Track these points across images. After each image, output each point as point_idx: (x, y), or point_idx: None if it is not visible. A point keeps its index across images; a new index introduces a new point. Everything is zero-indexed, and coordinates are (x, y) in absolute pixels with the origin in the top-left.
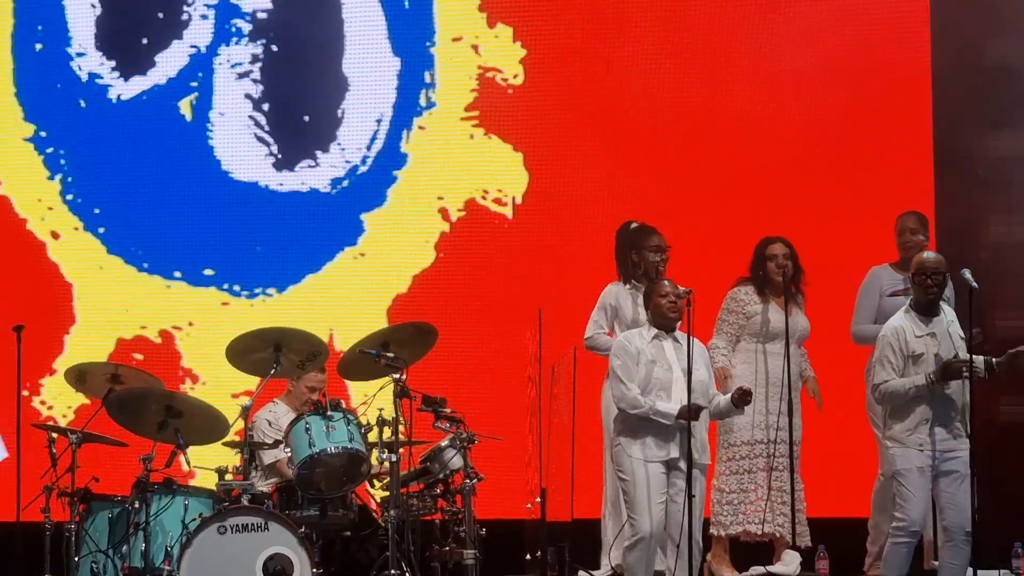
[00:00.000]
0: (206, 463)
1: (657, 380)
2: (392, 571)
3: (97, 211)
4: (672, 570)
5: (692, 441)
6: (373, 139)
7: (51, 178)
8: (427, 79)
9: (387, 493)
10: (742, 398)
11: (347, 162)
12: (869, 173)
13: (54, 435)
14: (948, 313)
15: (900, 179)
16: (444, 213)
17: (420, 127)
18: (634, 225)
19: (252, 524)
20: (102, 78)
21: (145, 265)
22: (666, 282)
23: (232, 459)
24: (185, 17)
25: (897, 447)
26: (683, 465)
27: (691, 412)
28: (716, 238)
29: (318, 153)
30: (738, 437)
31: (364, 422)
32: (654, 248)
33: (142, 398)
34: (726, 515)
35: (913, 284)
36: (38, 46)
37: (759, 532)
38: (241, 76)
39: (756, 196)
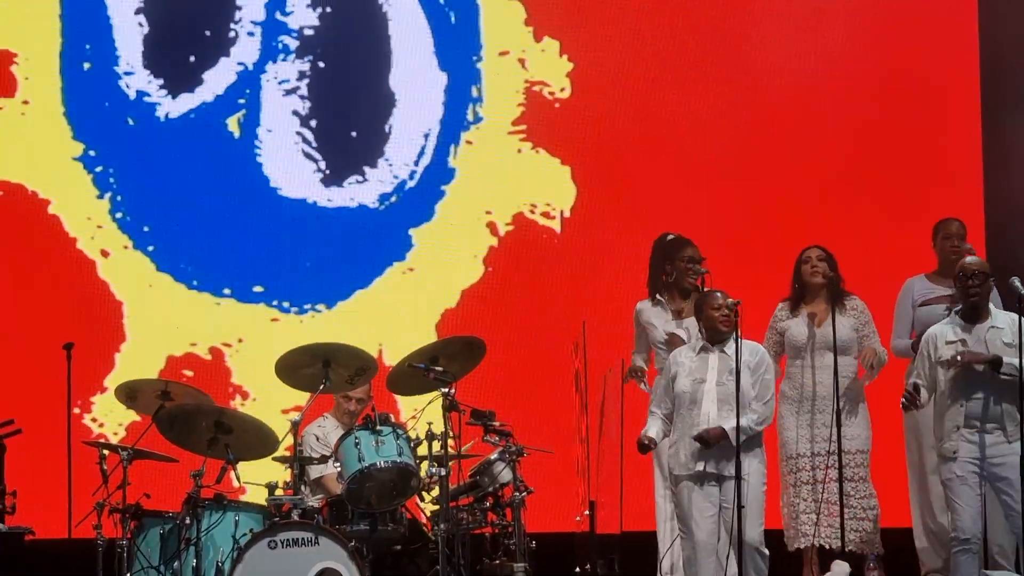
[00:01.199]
0: (256, 479)
1: (685, 393)
2: None
3: (146, 229)
4: None
5: (719, 451)
6: (421, 154)
7: (100, 197)
8: (474, 93)
9: (437, 507)
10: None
11: (395, 177)
12: (916, 182)
13: (105, 452)
14: (997, 318)
15: (947, 185)
16: (492, 227)
17: (468, 141)
18: (670, 237)
19: (303, 539)
20: (150, 96)
21: (195, 283)
22: (718, 293)
23: (282, 474)
24: (232, 35)
25: (941, 460)
26: (717, 478)
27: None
28: (763, 250)
29: (366, 169)
30: (785, 452)
31: (413, 436)
32: (687, 259)
33: (192, 414)
34: (788, 529)
35: (956, 288)
36: (86, 65)
37: (807, 545)
38: (288, 93)
39: (801, 208)
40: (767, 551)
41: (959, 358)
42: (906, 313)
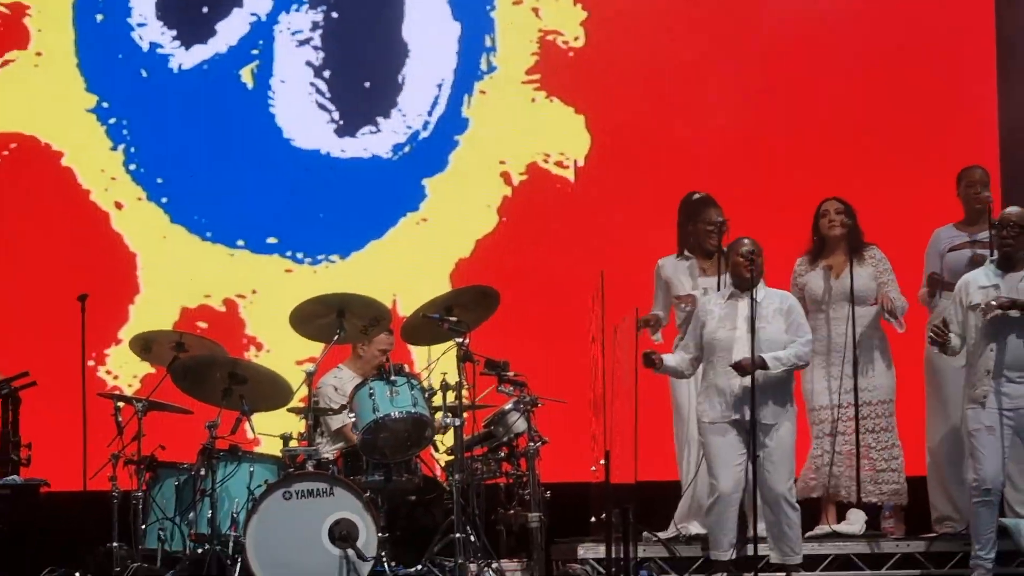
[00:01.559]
0: (271, 430)
1: (719, 340)
2: (457, 535)
3: (160, 181)
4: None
5: (758, 399)
6: (434, 104)
7: (114, 148)
8: (488, 43)
9: (451, 457)
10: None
11: (408, 128)
12: (934, 131)
13: (120, 404)
14: None
15: (965, 137)
16: (506, 177)
17: (481, 91)
18: (695, 197)
19: (317, 490)
20: (163, 48)
21: (208, 234)
22: (746, 240)
23: (297, 425)
24: None
25: (969, 406)
26: (745, 428)
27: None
28: (782, 200)
29: (379, 119)
30: (809, 405)
31: (428, 386)
32: (708, 222)
33: (207, 365)
34: (808, 479)
35: (993, 237)
36: (99, 17)
37: (830, 494)
38: (302, 43)
39: (818, 158)
40: (798, 506)
41: (992, 302)
42: (934, 264)
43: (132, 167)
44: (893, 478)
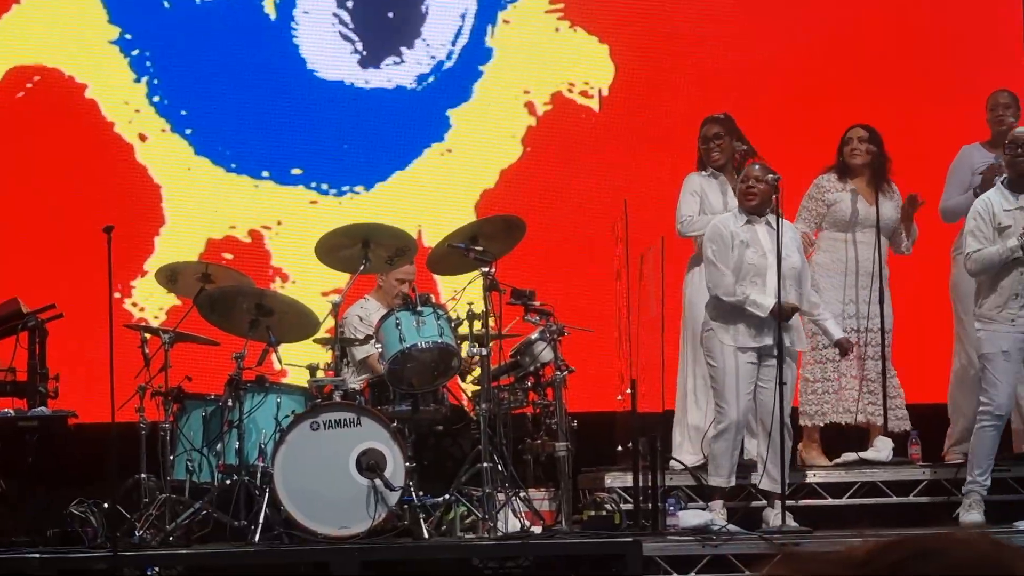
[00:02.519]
0: (298, 361)
1: (751, 265)
2: (485, 464)
3: (184, 112)
4: (764, 458)
5: (786, 327)
6: (458, 34)
7: (137, 80)
8: None
9: (478, 387)
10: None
11: (432, 58)
12: (959, 55)
13: (146, 335)
14: None
15: (990, 60)
16: (530, 107)
17: (505, 21)
18: (710, 116)
19: (345, 420)
20: None
21: (233, 165)
22: (756, 166)
23: (323, 356)
24: None
25: (984, 328)
26: (775, 351)
27: (782, 312)
28: (808, 128)
29: (403, 50)
30: (811, 318)
31: (454, 316)
32: (702, 137)
33: (233, 296)
34: (810, 404)
35: (1004, 158)
36: None
37: (850, 422)
38: None
39: (846, 84)
40: (792, 431)
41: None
42: (963, 178)
43: (156, 99)
44: (899, 404)
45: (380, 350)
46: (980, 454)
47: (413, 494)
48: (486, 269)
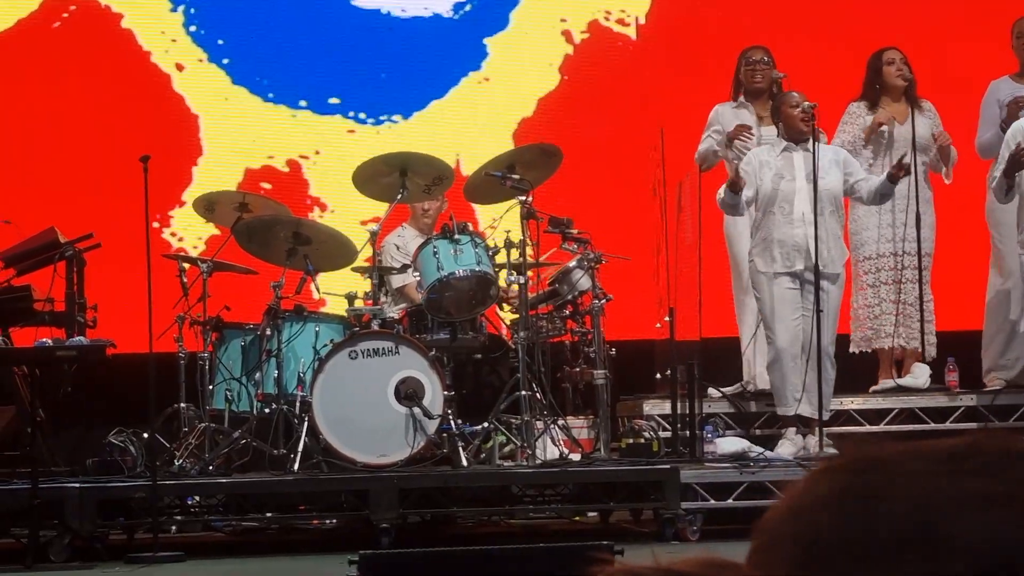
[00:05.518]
0: (336, 289)
1: (778, 192)
2: (523, 392)
3: (221, 42)
4: (804, 384)
5: (820, 250)
6: None
7: (174, 10)
8: None
9: (516, 315)
10: (898, 171)
11: None
12: None
13: (185, 265)
14: None
15: None
16: (567, 35)
17: None
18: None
19: (383, 348)
20: None
21: (270, 95)
22: (795, 94)
23: (362, 285)
24: None
25: (1022, 249)
26: (811, 276)
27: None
28: (839, 58)
29: None
30: (862, 253)
31: (491, 245)
32: (750, 60)
33: (270, 225)
34: (855, 331)
35: None
36: None
37: (887, 347)
38: None
39: (872, 14)
40: (835, 360)
41: None
42: (993, 113)
43: (192, 28)
44: (930, 329)
45: (418, 279)
46: None
47: (452, 422)
48: (523, 197)
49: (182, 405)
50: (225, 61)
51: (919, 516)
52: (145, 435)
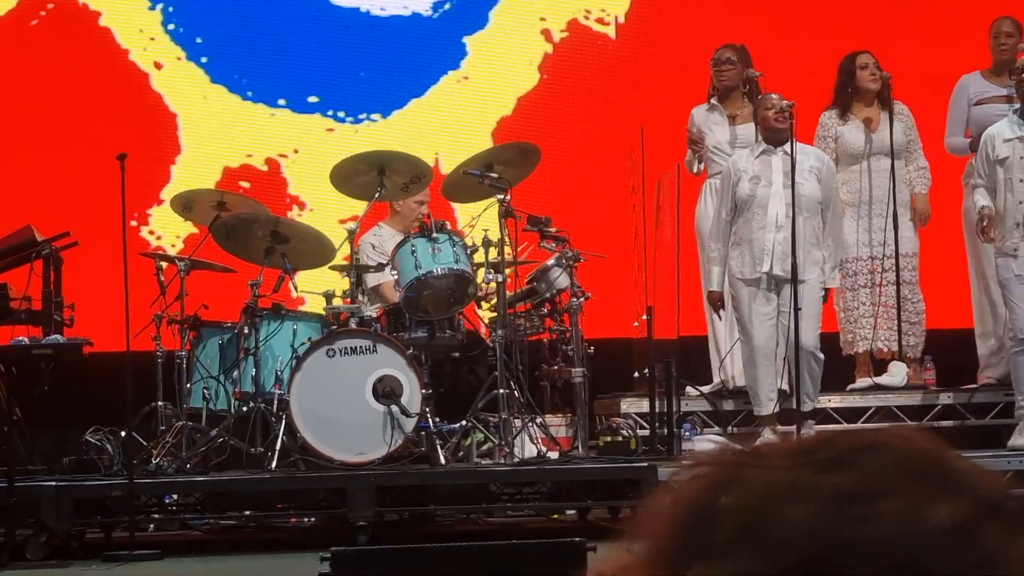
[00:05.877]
0: (314, 288)
1: (752, 196)
2: (501, 390)
3: (199, 40)
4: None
5: (795, 254)
6: None
7: (152, 8)
8: None
9: (494, 314)
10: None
11: None
12: None
13: (162, 264)
14: None
15: None
16: (547, 34)
17: None
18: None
19: (361, 347)
20: None
21: (249, 94)
22: (773, 96)
23: (340, 283)
24: None
25: (999, 256)
26: (785, 278)
27: (715, 304)
28: (817, 56)
29: None
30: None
31: (470, 243)
32: (715, 60)
33: (248, 224)
34: (842, 334)
35: (1013, 85)
36: None
37: (863, 350)
38: None
39: (851, 12)
40: (822, 356)
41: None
42: (961, 111)
43: (170, 27)
44: (918, 331)
45: (396, 277)
46: (1018, 380)
47: (430, 420)
48: (502, 196)
49: (159, 404)
50: (203, 59)
51: (750, 512)
52: (122, 434)
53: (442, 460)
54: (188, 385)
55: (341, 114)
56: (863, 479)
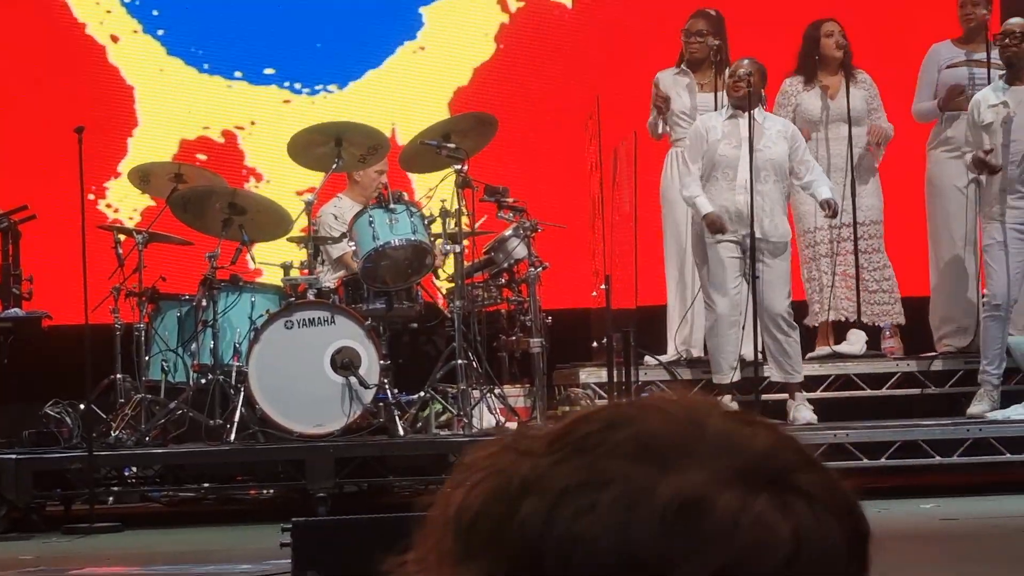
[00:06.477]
0: (271, 260)
1: (723, 157)
2: (459, 361)
3: (155, 13)
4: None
5: (761, 217)
6: None
7: None
8: None
9: (452, 284)
10: (829, 212)
11: None
12: None
13: (120, 236)
14: None
15: None
16: (503, 4)
17: None
18: (701, 10)
19: (319, 318)
20: None
21: (205, 66)
22: (745, 61)
23: (297, 255)
24: None
25: (985, 221)
26: (759, 244)
27: (712, 225)
28: (782, 22)
29: None
30: (801, 227)
31: (427, 214)
32: (685, 31)
33: (206, 196)
34: (812, 304)
35: (997, 49)
36: None
37: (824, 320)
38: None
39: None
40: (796, 325)
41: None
42: (931, 78)
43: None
44: (885, 299)
45: (353, 248)
46: (987, 344)
47: (388, 392)
48: (459, 166)
49: (118, 376)
50: (160, 32)
51: (499, 508)
52: (81, 406)
53: (401, 431)
54: (147, 358)
55: (297, 85)
56: (592, 465)
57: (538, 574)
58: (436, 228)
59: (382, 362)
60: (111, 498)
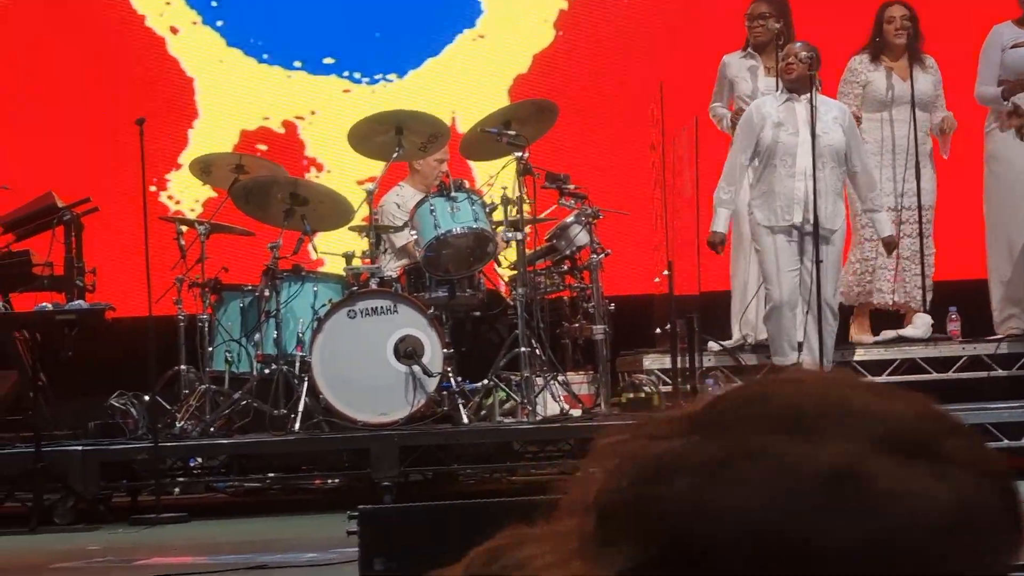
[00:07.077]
0: (333, 249)
1: (781, 144)
2: (523, 348)
3: (214, 4)
4: (807, 336)
5: (819, 205)
6: None
7: None
8: None
9: (515, 272)
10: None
11: None
12: None
13: (182, 227)
14: None
15: None
16: None
17: None
18: None
19: (381, 307)
20: None
21: (265, 56)
22: (798, 44)
23: (359, 244)
24: None
25: None
26: (810, 230)
27: (715, 245)
28: (843, 5)
29: None
30: (863, 206)
31: (488, 201)
32: (748, 15)
33: (267, 186)
34: (850, 285)
35: None
36: None
37: (889, 302)
38: None
39: None
40: (838, 311)
41: None
42: (993, 60)
43: None
44: (929, 284)
45: (415, 237)
46: None
47: (451, 380)
48: (520, 154)
49: (182, 367)
50: (219, 23)
51: (630, 494)
52: (146, 398)
53: (465, 419)
54: (210, 348)
55: (357, 75)
56: (739, 441)
57: (692, 552)
58: (497, 216)
59: (445, 350)
60: (177, 489)
